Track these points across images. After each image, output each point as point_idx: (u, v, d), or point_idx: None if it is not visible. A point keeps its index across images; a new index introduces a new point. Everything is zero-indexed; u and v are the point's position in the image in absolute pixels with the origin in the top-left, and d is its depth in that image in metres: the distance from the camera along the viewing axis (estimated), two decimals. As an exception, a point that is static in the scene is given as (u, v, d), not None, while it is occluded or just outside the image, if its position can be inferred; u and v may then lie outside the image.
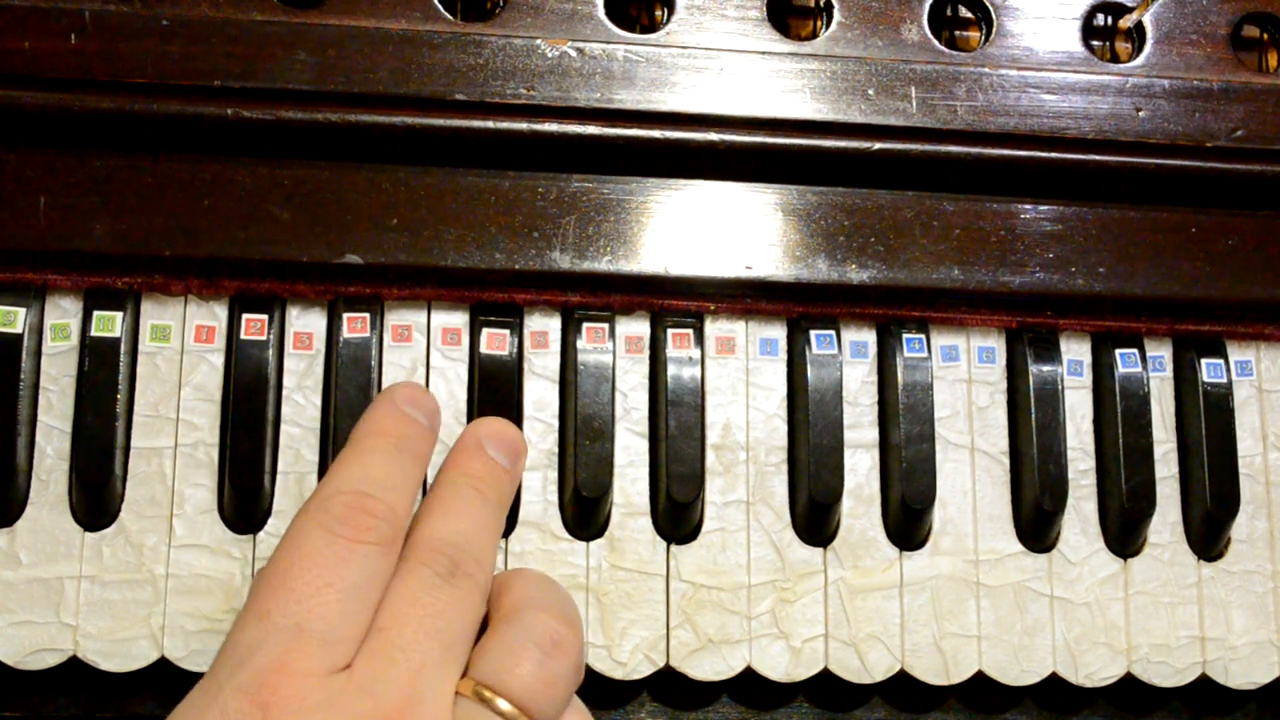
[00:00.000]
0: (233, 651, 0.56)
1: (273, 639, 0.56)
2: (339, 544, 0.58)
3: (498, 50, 0.71)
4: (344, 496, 0.60)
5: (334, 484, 0.61)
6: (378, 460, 0.62)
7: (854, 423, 0.74)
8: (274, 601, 0.57)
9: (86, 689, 0.68)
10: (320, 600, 0.57)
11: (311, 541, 0.59)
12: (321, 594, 0.57)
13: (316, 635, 0.56)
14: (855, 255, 0.74)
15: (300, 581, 0.57)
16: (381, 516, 0.60)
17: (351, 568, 0.58)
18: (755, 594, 0.71)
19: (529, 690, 0.58)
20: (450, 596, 0.59)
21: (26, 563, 0.67)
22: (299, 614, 0.56)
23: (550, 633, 0.60)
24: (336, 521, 0.59)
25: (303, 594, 0.57)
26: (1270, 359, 0.79)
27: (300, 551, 0.58)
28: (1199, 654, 0.75)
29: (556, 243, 0.72)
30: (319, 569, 0.58)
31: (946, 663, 0.72)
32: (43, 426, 0.68)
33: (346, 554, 0.58)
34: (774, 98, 0.73)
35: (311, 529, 0.59)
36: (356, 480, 0.61)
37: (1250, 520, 0.76)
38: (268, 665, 0.55)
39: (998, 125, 0.75)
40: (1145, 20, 0.78)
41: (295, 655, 0.55)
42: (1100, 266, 0.76)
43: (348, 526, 0.59)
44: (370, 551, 0.59)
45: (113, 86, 0.68)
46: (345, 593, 0.57)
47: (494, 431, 0.67)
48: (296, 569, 0.58)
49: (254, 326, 0.70)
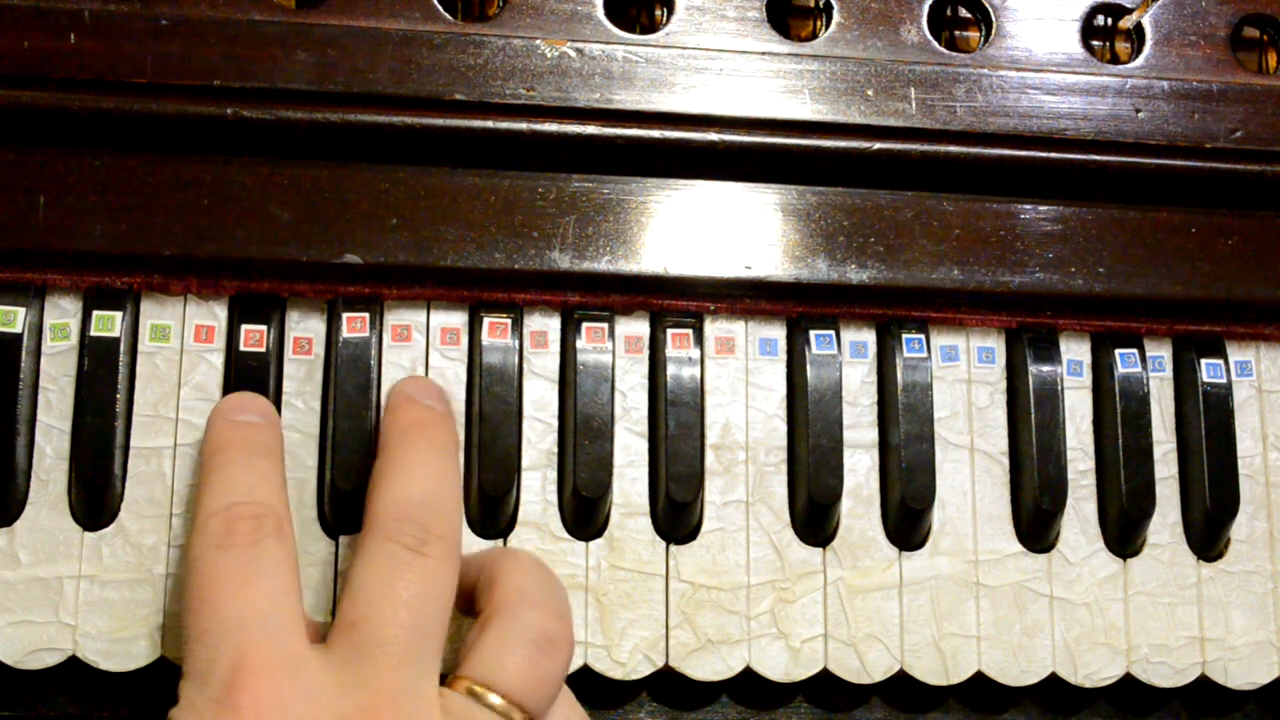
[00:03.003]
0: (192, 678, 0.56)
1: (221, 645, 0.56)
2: (235, 552, 0.59)
3: (497, 50, 0.72)
4: (216, 516, 0.60)
5: (203, 510, 0.61)
6: (230, 473, 0.63)
7: (853, 423, 0.74)
8: (205, 619, 0.57)
9: (86, 689, 0.68)
10: (245, 599, 0.57)
11: (208, 560, 0.59)
12: (242, 593, 0.57)
13: (260, 628, 0.56)
14: (855, 255, 0.74)
15: (217, 592, 0.58)
16: (257, 515, 0.60)
17: (257, 564, 0.59)
18: (755, 594, 0.71)
19: (523, 687, 0.58)
20: (424, 573, 0.59)
21: (26, 562, 0.67)
22: (233, 617, 0.57)
23: (545, 630, 0.60)
24: (222, 537, 0.59)
25: (226, 600, 0.57)
26: (1270, 359, 0.79)
27: (203, 572, 0.59)
28: (1198, 654, 0.75)
29: (556, 243, 0.72)
30: (228, 576, 0.58)
31: (946, 663, 0.72)
32: (42, 426, 0.68)
33: (246, 556, 0.59)
34: (774, 98, 0.73)
35: (203, 553, 0.59)
36: (220, 498, 0.61)
37: (1250, 520, 0.76)
38: (229, 668, 0.55)
39: (997, 126, 0.75)
40: (1145, 21, 0.78)
41: (250, 650, 0.55)
42: (1100, 266, 0.76)
43: (235, 536, 0.59)
44: (267, 546, 0.59)
45: (113, 86, 0.68)
46: (264, 586, 0.58)
47: (417, 385, 0.67)
48: (208, 584, 0.58)
49: (253, 326, 0.70)
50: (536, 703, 0.59)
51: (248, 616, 0.57)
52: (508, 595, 0.61)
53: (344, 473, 0.68)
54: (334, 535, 0.69)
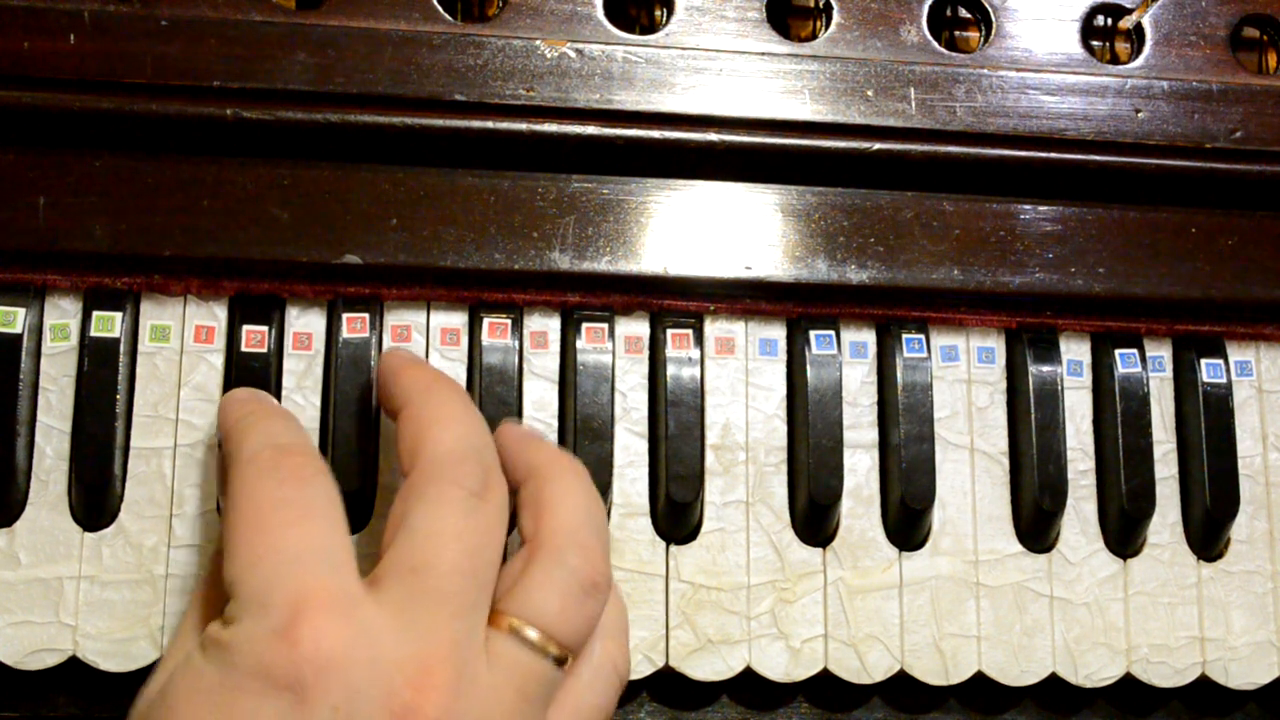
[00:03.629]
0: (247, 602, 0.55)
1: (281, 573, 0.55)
2: (288, 486, 0.58)
3: (497, 51, 0.72)
4: (266, 451, 0.60)
5: (249, 448, 0.60)
6: (270, 423, 0.62)
7: (853, 423, 0.74)
8: (258, 544, 0.56)
9: (86, 689, 0.68)
10: (305, 530, 0.56)
11: (263, 489, 0.58)
12: (303, 524, 0.57)
13: (322, 561, 0.56)
14: (855, 255, 0.74)
15: (277, 519, 0.57)
16: (309, 455, 0.60)
17: (314, 497, 0.58)
18: (755, 594, 0.71)
19: (564, 626, 0.58)
20: (484, 521, 0.58)
21: (26, 563, 0.67)
22: (291, 548, 0.56)
23: (590, 574, 0.59)
24: (273, 468, 0.58)
25: (284, 529, 0.56)
26: (1270, 359, 0.79)
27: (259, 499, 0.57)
28: (1198, 654, 0.75)
29: (556, 243, 0.72)
30: (284, 509, 0.57)
31: (946, 663, 0.72)
32: (42, 426, 0.68)
33: (302, 488, 0.58)
34: (773, 98, 0.74)
35: (255, 482, 0.58)
36: (266, 439, 0.61)
37: (1250, 520, 0.76)
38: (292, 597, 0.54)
39: (997, 126, 0.75)
40: (1144, 22, 0.78)
41: (311, 583, 0.54)
42: (1100, 266, 0.76)
43: (286, 469, 0.59)
44: (322, 481, 0.59)
45: (112, 87, 0.68)
46: (321, 519, 0.57)
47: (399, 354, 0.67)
48: (265, 513, 0.57)
49: (254, 327, 0.70)
50: (575, 639, 0.59)
51: (306, 550, 0.56)
52: (555, 533, 0.60)
53: (344, 474, 0.68)
54: (334, 535, 0.69)
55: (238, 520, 0.57)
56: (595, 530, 0.61)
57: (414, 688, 0.54)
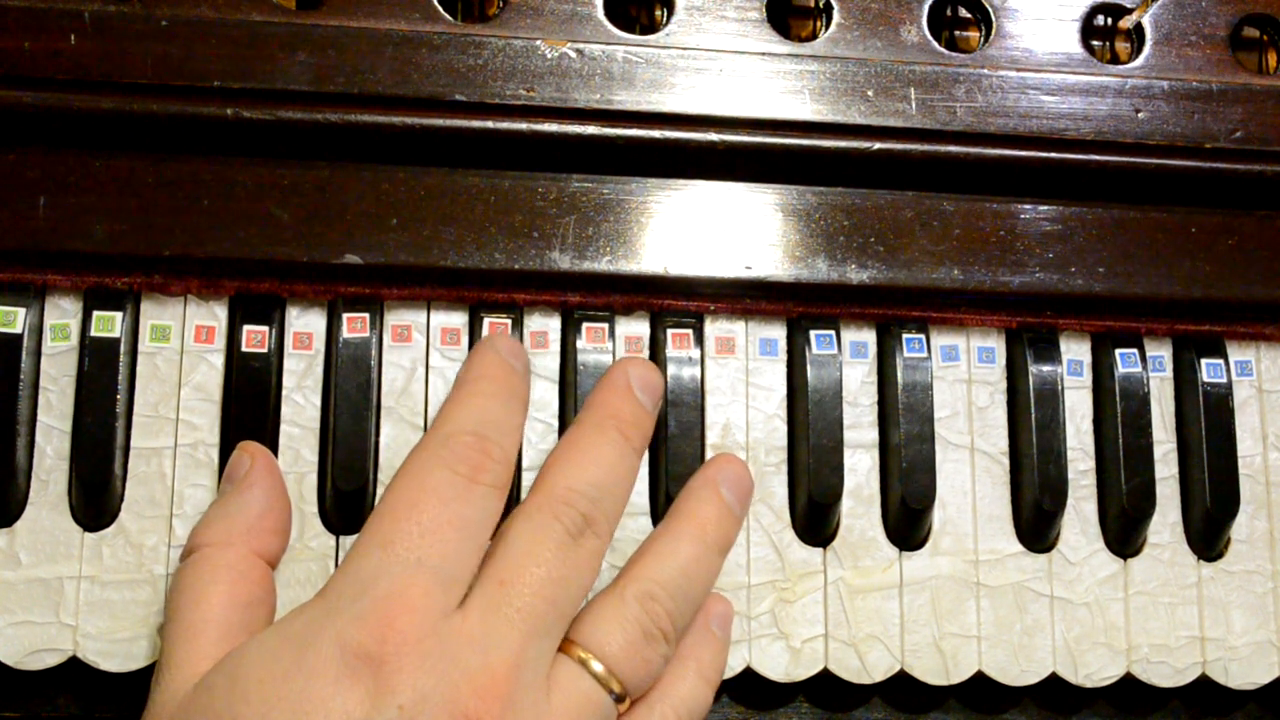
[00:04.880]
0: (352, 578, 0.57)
1: (397, 568, 0.57)
2: (460, 482, 0.60)
3: (497, 51, 0.72)
4: (464, 437, 0.61)
5: (452, 423, 0.62)
6: (490, 404, 0.64)
7: (854, 423, 0.74)
8: (398, 533, 0.58)
9: (86, 689, 0.68)
10: (441, 537, 0.58)
11: (435, 477, 0.60)
12: (442, 530, 0.58)
13: (435, 572, 0.57)
14: (855, 255, 0.74)
15: (424, 514, 0.58)
16: (498, 460, 0.61)
17: (471, 507, 0.59)
18: (755, 594, 0.71)
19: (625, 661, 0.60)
20: (574, 559, 0.60)
21: (26, 563, 0.67)
22: (420, 548, 0.57)
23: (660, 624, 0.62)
24: (458, 460, 0.60)
25: (426, 527, 0.58)
26: (1270, 359, 0.79)
27: (423, 485, 0.59)
28: (1199, 654, 0.75)
29: (556, 243, 0.72)
30: (441, 505, 0.59)
31: (946, 663, 0.72)
32: (42, 426, 0.68)
33: (466, 493, 0.60)
34: (774, 98, 0.74)
35: (434, 465, 0.60)
36: (473, 421, 0.62)
37: (1250, 520, 0.76)
38: (387, 595, 0.56)
39: (997, 126, 0.75)
40: (1145, 21, 0.78)
41: (414, 589, 0.56)
42: (1100, 266, 0.76)
43: (468, 466, 0.60)
44: (488, 493, 0.60)
45: (112, 87, 0.68)
46: (463, 531, 0.59)
47: (642, 374, 0.68)
48: (422, 500, 0.59)
49: (254, 327, 0.70)
50: (636, 682, 0.61)
51: (432, 554, 0.58)
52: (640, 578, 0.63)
53: (345, 474, 0.68)
54: (335, 533, 0.69)
55: (397, 493, 0.60)
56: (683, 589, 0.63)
57: (478, 697, 0.55)
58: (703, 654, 0.66)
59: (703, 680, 0.65)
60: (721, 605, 0.69)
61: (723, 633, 0.68)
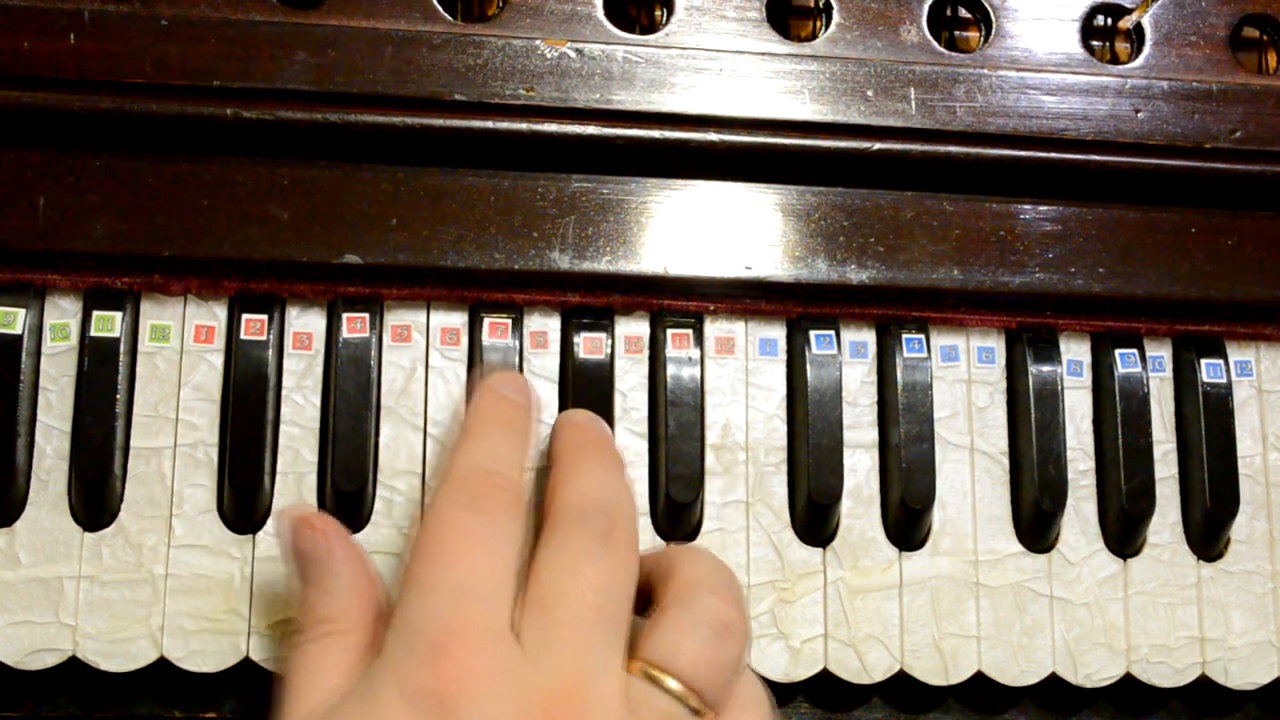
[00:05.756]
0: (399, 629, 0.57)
1: (441, 606, 0.57)
2: (480, 516, 0.60)
3: (497, 51, 0.72)
4: (473, 474, 0.62)
5: (460, 465, 0.63)
6: (489, 441, 0.64)
7: (853, 423, 0.74)
8: (433, 573, 0.58)
9: (86, 689, 0.68)
10: (477, 566, 0.59)
11: (453, 517, 0.60)
12: (476, 561, 0.59)
13: (481, 599, 0.57)
14: (855, 255, 0.74)
15: (454, 551, 0.59)
16: (509, 489, 0.62)
17: (493, 533, 0.60)
18: (754, 594, 0.71)
19: (698, 671, 0.59)
20: (610, 563, 0.60)
21: (26, 563, 0.67)
22: (460, 580, 0.58)
23: (721, 615, 0.60)
24: (471, 498, 0.61)
25: (458, 562, 0.59)
26: (1270, 359, 0.79)
27: (445, 527, 0.60)
28: (1198, 654, 0.75)
29: (556, 243, 0.72)
30: (468, 539, 0.59)
31: (946, 663, 0.72)
32: (42, 426, 0.68)
33: (489, 524, 0.60)
34: (773, 98, 0.74)
35: (450, 508, 0.61)
36: (480, 459, 0.63)
37: (1250, 520, 0.76)
38: (442, 631, 0.56)
39: (997, 126, 0.75)
40: (1144, 22, 0.78)
41: (461, 619, 0.56)
42: (1100, 266, 0.76)
43: (483, 500, 0.61)
44: (508, 522, 0.61)
45: (113, 86, 0.68)
46: (493, 558, 0.59)
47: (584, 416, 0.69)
48: (447, 541, 0.60)
49: (254, 327, 0.70)
50: (713, 689, 0.59)
51: (473, 583, 0.58)
52: (684, 583, 0.62)
53: (345, 474, 0.68)
54: (334, 535, 0.69)
55: (423, 540, 0.60)
56: (724, 582, 0.63)
57: (549, 714, 0.55)
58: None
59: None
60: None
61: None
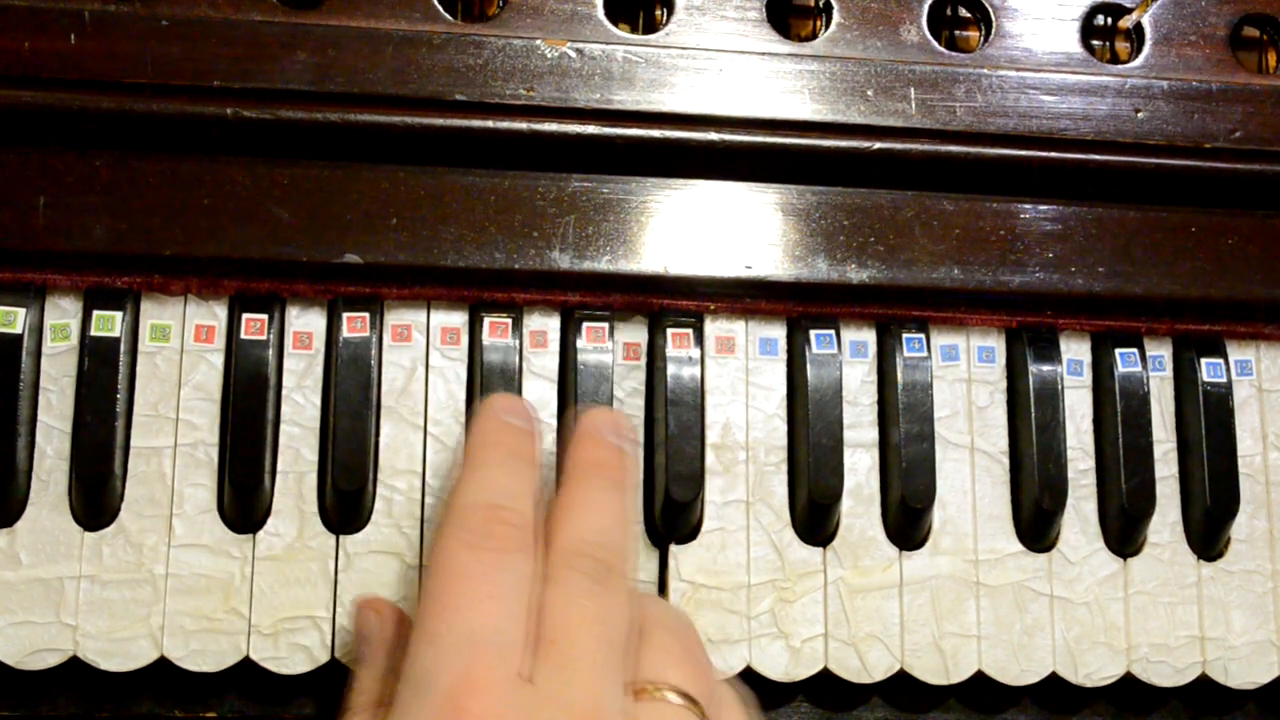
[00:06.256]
0: (413, 681, 0.57)
1: (451, 656, 0.56)
2: (486, 557, 0.59)
3: (497, 51, 0.72)
4: (478, 512, 0.61)
5: (464, 501, 0.62)
6: (497, 472, 0.64)
7: (854, 422, 0.74)
8: (441, 622, 0.57)
9: (86, 689, 0.68)
10: (484, 611, 0.58)
11: (460, 560, 0.59)
12: (484, 605, 0.58)
13: (491, 645, 0.57)
14: (855, 255, 0.74)
15: (460, 597, 0.58)
16: (517, 524, 0.61)
17: (502, 574, 0.59)
18: (755, 594, 0.71)
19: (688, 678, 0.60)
20: (608, 600, 0.60)
21: (26, 563, 0.67)
22: (468, 628, 0.57)
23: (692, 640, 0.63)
24: (478, 537, 0.60)
25: (466, 608, 0.58)
26: (1270, 359, 0.79)
27: (452, 571, 0.59)
28: (1198, 654, 0.75)
29: (556, 242, 0.72)
30: (475, 583, 0.58)
31: (946, 662, 0.72)
32: (43, 426, 0.68)
33: (496, 564, 0.59)
34: (773, 98, 0.74)
35: (456, 549, 0.60)
36: (484, 494, 0.62)
37: (1250, 520, 0.76)
38: (453, 682, 0.55)
39: (997, 126, 0.75)
40: (1144, 21, 0.78)
41: (477, 667, 0.56)
42: (1100, 266, 0.76)
43: (490, 539, 0.60)
44: (516, 559, 0.60)
45: (112, 86, 0.68)
46: (505, 601, 0.58)
47: (609, 420, 0.68)
48: (453, 587, 0.58)
49: (254, 326, 0.70)
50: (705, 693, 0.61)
51: (483, 630, 0.57)
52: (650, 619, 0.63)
53: (345, 474, 0.68)
54: (335, 532, 0.69)
55: (429, 587, 0.59)
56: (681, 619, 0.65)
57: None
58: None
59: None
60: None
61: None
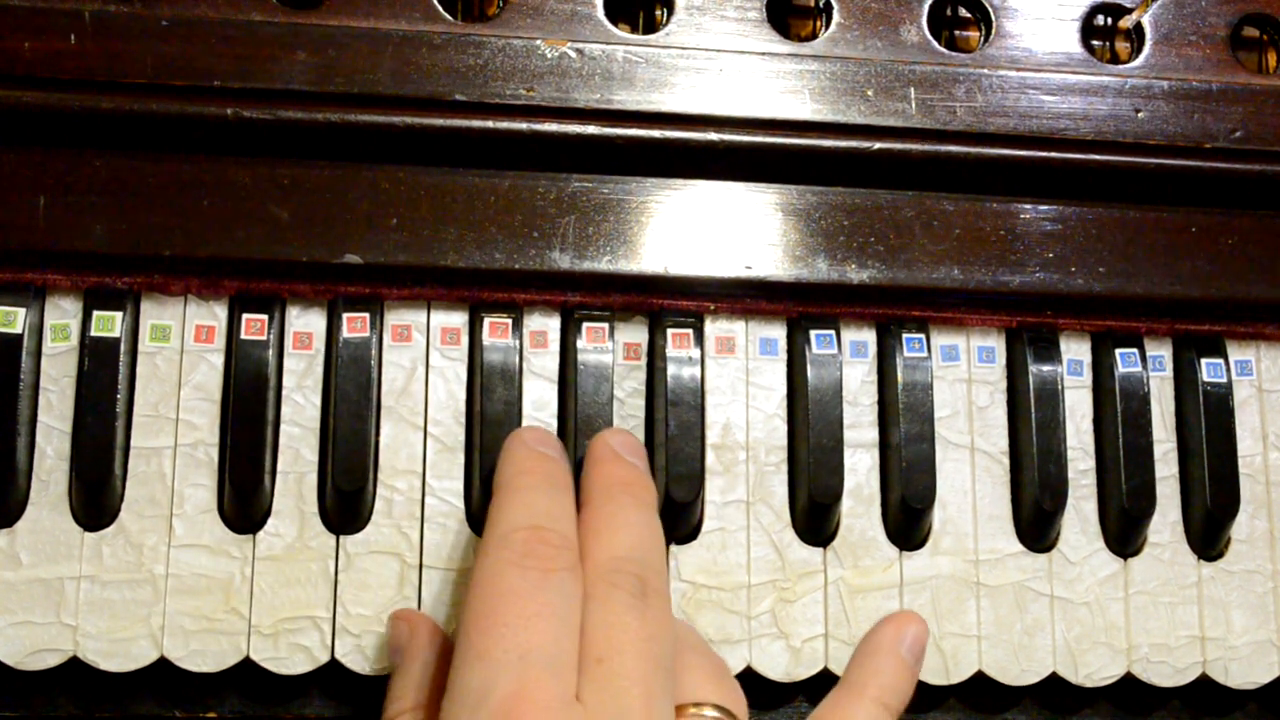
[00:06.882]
0: (462, 698, 0.56)
1: (502, 674, 0.56)
2: (532, 575, 0.59)
3: (497, 51, 0.72)
4: (521, 533, 0.61)
5: (506, 524, 0.62)
6: (534, 496, 0.64)
7: (854, 422, 0.74)
8: (491, 640, 0.57)
9: (86, 689, 0.68)
10: (534, 630, 0.57)
11: (507, 579, 0.59)
12: (533, 624, 0.58)
13: (542, 663, 0.56)
14: (855, 255, 0.74)
15: (510, 615, 0.58)
16: (560, 545, 0.61)
17: (549, 593, 0.59)
18: (755, 594, 0.71)
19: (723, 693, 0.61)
20: (650, 615, 0.60)
21: (27, 563, 0.67)
22: (518, 646, 0.57)
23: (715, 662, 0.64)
24: (523, 556, 0.60)
25: (516, 627, 0.57)
26: (1270, 359, 0.79)
27: (498, 589, 0.59)
28: (1199, 654, 0.75)
29: (556, 243, 0.72)
30: (523, 601, 0.58)
31: (946, 662, 0.72)
32: (43, 426, 0.68)
33: (542, 583, 0.59)
34: (773, 98, 0.74)
35: (502, 568, 0.60)
36: (525, 517, 0.62)
37: (1250, 520, 0.76)
38: (506, 700, 0.55)
39: (997, 126, 0.75)
40: (1144, 21, 0.78)
41: (529, 685, 0.55)
42: (1100, 266, 0.76)
43: (535, 559, 0.60)
44: (563, 578, 0.60)
45: (112, 86, 0.68)
46: (553, 619, 0.58)
47: (621, 440, 0.69)
48: (502, 605, 0.58)
49: (254, 326, 0.70)
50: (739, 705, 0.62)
51: (533, 649, 0.57)
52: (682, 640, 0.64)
53: (345, 474, 0.68)
54: (335, 532, 0.69)
55: (474, 606, 0.59)
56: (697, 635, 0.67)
57: None
58: (884, 680, 0.65)
59: (883, 709, 0.65)
60: (915, 626, 0.68)
61: (913, 658, 0.67)
